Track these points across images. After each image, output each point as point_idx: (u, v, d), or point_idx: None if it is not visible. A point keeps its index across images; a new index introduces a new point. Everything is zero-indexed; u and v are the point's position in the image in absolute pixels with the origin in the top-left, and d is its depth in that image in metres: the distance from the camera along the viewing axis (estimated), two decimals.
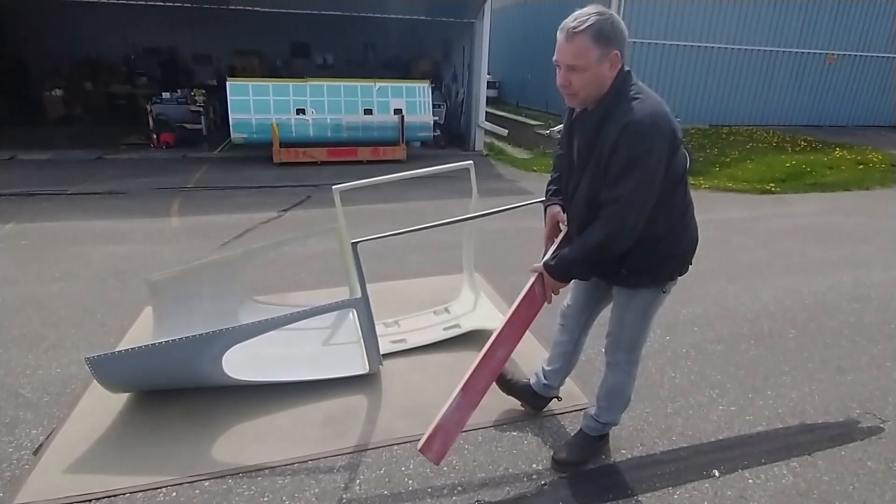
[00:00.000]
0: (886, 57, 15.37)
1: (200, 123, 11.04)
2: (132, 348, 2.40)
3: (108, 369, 2.44)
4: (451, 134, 12.13)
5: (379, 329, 3.37)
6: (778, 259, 5.13)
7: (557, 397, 2.66)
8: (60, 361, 3.07)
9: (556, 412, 2.70)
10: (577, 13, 1.72)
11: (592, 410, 2.40)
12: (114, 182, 7.50)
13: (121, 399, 2.70)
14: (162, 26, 14.80)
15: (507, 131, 11.78)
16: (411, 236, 5.45)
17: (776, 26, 13.98)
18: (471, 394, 2.03)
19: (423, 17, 11.15)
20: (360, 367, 2.96)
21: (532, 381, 2.66)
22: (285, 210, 6.44)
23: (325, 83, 9.57)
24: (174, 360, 2.50)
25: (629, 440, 2.53)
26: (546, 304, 2.14)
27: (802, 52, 14.67)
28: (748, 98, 14.68)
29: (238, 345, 2.55)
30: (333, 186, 3.37)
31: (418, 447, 1.93)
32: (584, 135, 1.88)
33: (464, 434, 2.51)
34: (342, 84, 9.65)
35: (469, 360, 2.18)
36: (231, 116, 8.94)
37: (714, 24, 13.26)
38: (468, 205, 3.46)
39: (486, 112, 11.61)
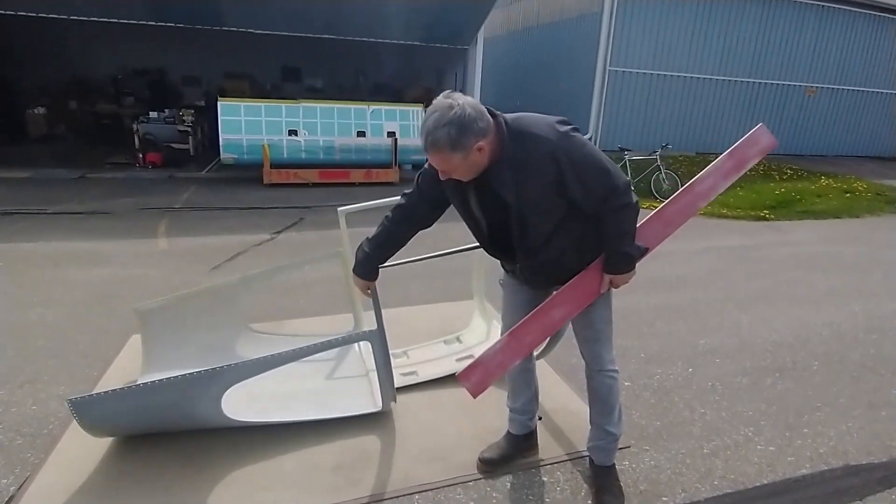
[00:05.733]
0: (861, 91, 15.85)
1: (188, 143, 10.83)
2: (120, 389, 2.15)
3: (93, 412, 2.19)
4: None
5: None
6: (785, 288, 5.03)
7: (539, 417, 2.55)
8: (37, 398, 2.78)
9: (585, 454, 2.49)
10: (427, 120, 1.65)
11: (601, 440, 2.24)
12: (97, 202, 7.21)
13: (105, 442, 2.43)
14: (152, 47, 14.65)
15: None
16: (415, 263, 5.27)
17: (758, 59, 14.28)
18: (517, 341, 2.03)
19: (418, 43, 11.16)
20: (371, 404, 2.73)
21: (512, 429, 2.45)
22: (278, 232, 6.22)
23: (319, 105, 9.44)
24: (168, 401, 2.24)
25: (669, 485, 2.33)
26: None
27: (783, 84, 14.99)
28: (732, 127, 14.86)
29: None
30: (339, 208, 3.19)
31: (456, 375, 2.02)
32: (506, 190, 1.78)
33: (490, 482, 2.29)
34: (335, 106, 9.52)
35: (486, 392, 2.02)
36: (221, 136, 8.74)
37: (699, 55, 13.48)
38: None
39: None
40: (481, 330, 3.39)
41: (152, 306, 2.92)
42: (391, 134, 9.66)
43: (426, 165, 1.99)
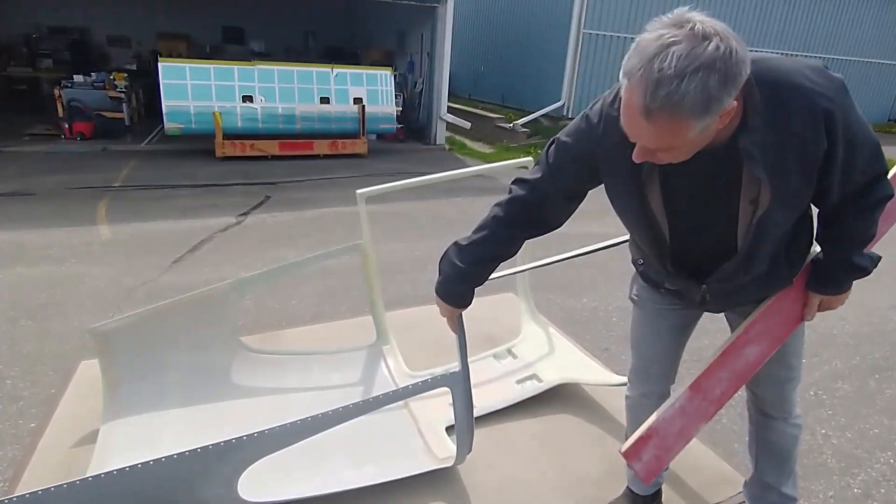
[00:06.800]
0: (827, 58, 15.95)
1: (122, 112, 9.51)
2: (80, 481, 1.37)
3: None
4: (409, 127, 11.21)
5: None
6: None
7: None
8: None
9: None
10: (655, 58, 0.90)
11: None
12: (18, 181, 6.02)
13: None
14: (72, 3, 12.91)
15: (469, 124, 11.05)
16: (417, 248, 4.57)
17: (729, 24, 13.93)
18: (702, 396, 1.40)
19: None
20: (426, 454, 2.05)
21: (635, 487, 1.83)
22: (245, 214, 5.32)
23: (276, 67, 8.39)
24: (156, 488, 1.49)
25: None
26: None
27: (753, 51, 14.83)
28: None
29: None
30: (358, 191, 2.42)
31: (621, 450, 1.41)
32: (763, 175, 1.09)
33: None
34: (295, 69, 8.49)
35: (566, 426, 1.41)
36: (164, 103, 7.58)
37: None
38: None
39: None
40: (539, 340, 2.74)
41: (115, 326, 2.11)
42: (358, 100, 8.76)
43: (563, 135, 1.30)
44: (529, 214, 1.38)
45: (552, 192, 1.34)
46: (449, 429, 2.18)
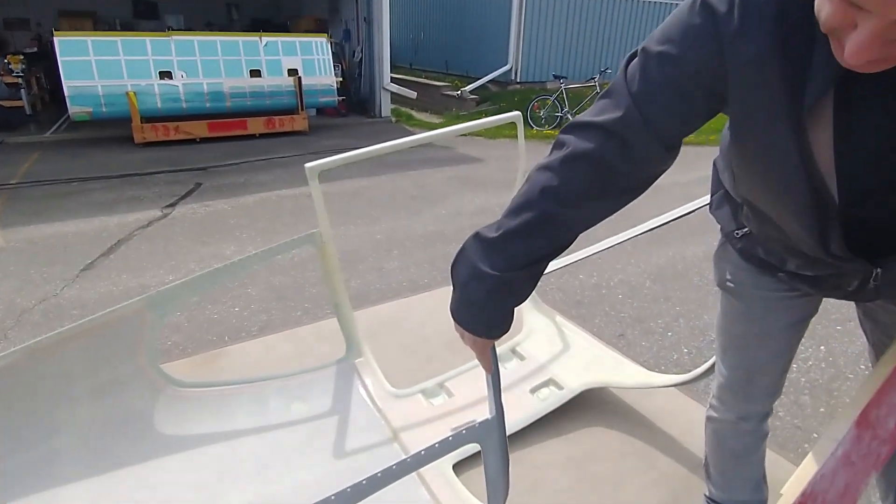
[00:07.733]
0: None
1: (21, 99, 8.35)
2: None
3: None
4: (350, 100, 10.43)
5: (414, 405, 1.97)
6: None
7: None
8: None
9: None
10: None
11: None
12: None
13: None
14: None
15: (415, 94, 10.40)
16: (377, 230, 4.00)
17: None
18: (871, 436, 0.91)
19: None
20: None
21: None
22: (171, 205, 4.57)
23: (196, 38, 7.45)
24: None
25: None
26: None
27: None
28: None
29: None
30: (307, 165, 1.82)
31: None
32: None
33: None
34: (218, 39, 7.59)
35: (601, 445, 1.05)
36: (66, 84, 6.57)
37: None
38: (448, 175, 2.11)
39: None
40: (548, 334, 2.23)
41: None
42: (293, 72, 7.96)
43: (656, 44, 0.75)
44: (605, 179, 0.80)
45: (643, 138, 0.77)
46: (456, 466, 1.67)
